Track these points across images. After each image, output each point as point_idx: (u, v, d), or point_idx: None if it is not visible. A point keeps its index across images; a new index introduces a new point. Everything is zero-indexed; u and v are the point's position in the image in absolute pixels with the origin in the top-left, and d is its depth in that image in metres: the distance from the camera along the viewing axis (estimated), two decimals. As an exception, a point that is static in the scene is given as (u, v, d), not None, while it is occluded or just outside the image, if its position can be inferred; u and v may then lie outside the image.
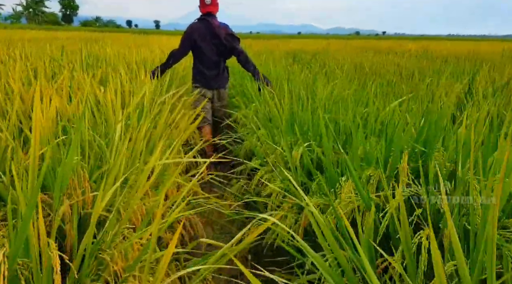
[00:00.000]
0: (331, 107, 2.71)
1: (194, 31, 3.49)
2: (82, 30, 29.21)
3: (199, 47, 3.49)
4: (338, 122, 2.46)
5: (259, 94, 3.30)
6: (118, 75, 2.85)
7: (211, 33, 3.46)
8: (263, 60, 6.53)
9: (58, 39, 9.30)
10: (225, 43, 3.46)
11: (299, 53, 8.27)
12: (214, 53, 3.51)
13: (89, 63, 3.80)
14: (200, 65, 3.56)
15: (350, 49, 10.49)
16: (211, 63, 3.52)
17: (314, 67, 6.35)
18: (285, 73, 4.38)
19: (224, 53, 3.55)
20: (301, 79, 3.66)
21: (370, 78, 3.90)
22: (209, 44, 3.48)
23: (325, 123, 2.08)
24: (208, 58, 3.51)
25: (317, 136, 2.39)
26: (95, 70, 3.35)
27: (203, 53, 3.50)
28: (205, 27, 3.46)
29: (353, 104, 2.69)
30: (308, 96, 3.08)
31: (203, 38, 3.47)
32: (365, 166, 1.53)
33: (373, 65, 5.70)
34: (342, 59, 6.51)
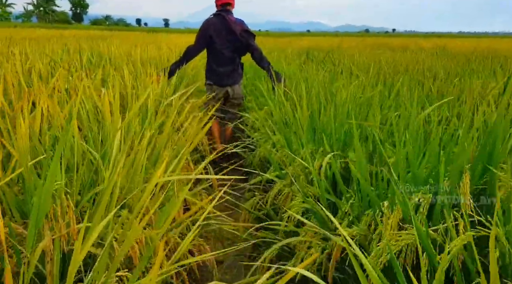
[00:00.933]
0: (355, 111, 2.45)
1: (209, 26, 3.39)
2: (91, 28, 29.18)
3: (214, 43, 3.39)
4: (363, 128, 2.19)
5: (273, 92, 3.14)
6: (120, 75, 2.61)
7: (227, 29, 3.36)
8: (275, 58, 6.26)
9: (65, 37, 9.14)
10: (240, 40, 3.36)
11: (311, 51, 7.97)
12: (229, 49, 3.41)
13: (92, 62, 3.58)
14: (213, 61, 3.47)
15: (363, 47, 10.15)
16: (225, 60, 3.43)
17: (329, 65, 6.07)
18: (300, 72, 4.11)
19: (239, 50, 3.45)
20: (319, 79, 3.39)
21: (392, 77, 3.61)
22: (224, 40, 3.38)
23: (357, 131, 1.83)
24: (222, 55, 3.41)
25: (342, 145, 2.13)
26: (97, 70, 3.12)
27: (218, 49, 3.40)
28: (220, 23, 3.36)
29: (378, 107, 2.42)
30: (328, 98, 2.82)
31: (219, 34, 3.37)
32: (410, 187, 1.26)
33: (391, 63, 5.39)
34: (358, 57, 6.20)
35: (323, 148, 2.12)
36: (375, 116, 2.15)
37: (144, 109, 2.44)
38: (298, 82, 3.41)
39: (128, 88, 2.48)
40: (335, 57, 6.82)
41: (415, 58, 6.13)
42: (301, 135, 2.26)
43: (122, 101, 2.64)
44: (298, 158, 2.08)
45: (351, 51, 8.14)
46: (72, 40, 6.97)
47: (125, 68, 2.75)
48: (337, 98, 2.59)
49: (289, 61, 5.94)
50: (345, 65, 5.74)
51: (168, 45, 7.30)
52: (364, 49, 9.18)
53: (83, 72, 2.77)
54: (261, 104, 3.50)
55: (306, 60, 6.79)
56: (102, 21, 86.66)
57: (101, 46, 5.04)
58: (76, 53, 4.13)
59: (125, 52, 4.81)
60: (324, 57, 6.88)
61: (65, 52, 3.88)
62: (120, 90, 2.74)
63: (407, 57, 6.24)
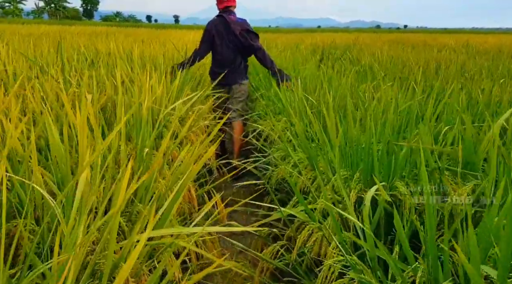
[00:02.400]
0: (401, 125, 1.98)
1: (212, 27, 3.43)
2: (99, 25, 28.90)
3: (215, 43, 3.42)
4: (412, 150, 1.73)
5: (278, 89, 3.06)
6: (112, 77, 2.18)
7: (227, 29, 3.38)
8: (289, 56, 5.78)
9: (69, 34, 8.77)
10: (241, 40, 3.35)
11: (327, 48, 7.46)
12: (229, 50, 3.41)
13: (84, 62, 3.16)
14: (215, 62, 3.51)
15: (381, 43, 9.60)
16: (226, 60, 3.43)
17: (346, 64, 5.58)
18: (320, 73, 3.64)
19: (241, 50, 3.43)
20: (343, 81, 2.92)
21: (429, 80, 3.12)
22: (225, 40, 3.40)
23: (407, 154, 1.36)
24: (223, 56, 3.43)
25: (387, 171, 1.67)
26: (88, 70, 2.70)
27: (220, 51, 3.43)
28: (221, 23, 3.39)
29: (429, 121, 1.95)
30: (359, 106, 2.35)
31: (220, 35, 3.40)
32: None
33: (420, 62, 4.89)
34: (380, 55, 5.69)
35: (361, 176, 1.67)
36: (426, 133, 1.68)
37: (138, 120, 2.01)
38: (319, 85, 2.95)
39: (119, 95, 2.05)
40: (354, 54, 6.31)
41: (444, 56, 5.61)
42: (331, 157, 1.80)
43: (109, 114, 2.21)
44: (328, 189, 1.63)
45: (371, 48, 7.61)
46: (73, 37, 6.58)
47: (117, 71, 2.32)
48: (372, 108, 2.12)
49: (304, 59, 5.47)
50: (367, 64, 5.25)
51: (175, 42, 6.88)
52: (382, 45, 8.63)
53: (63, 76, 2.35)
54: (276, 110, 3.04)
55: (322, 58, 6.30)
56: (113, 17, 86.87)
57: (100, 43, 4.63)
58: (72, 51, 3.72)
59: (127, 50, 4.39)
60: (342, 55, 6.37)
61: (58, 51, 3.46)
62: (111, 95, 2.32)
63: (434, 55, 5.71)
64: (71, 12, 71.42)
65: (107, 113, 2.28)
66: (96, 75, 2.44)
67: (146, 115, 1.94)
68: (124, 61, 3.02)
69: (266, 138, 2.78)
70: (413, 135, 1.76)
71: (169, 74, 3.31)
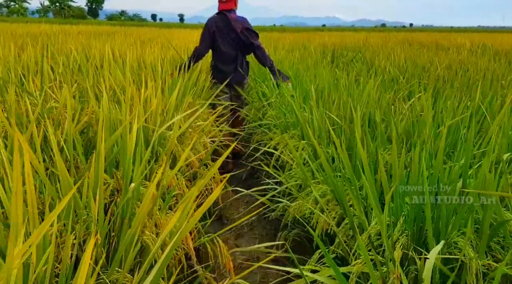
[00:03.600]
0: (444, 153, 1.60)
1: (212, 24, 3.42)
2: (103, 24, 28.62)
3: (217, 41, 3.41)
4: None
5: (277, 88, 3.17)
6: (93, 93, 1.82)
7: (228, 27, 3.39)
8: (297, 58, 5.41)
9: (69, 33, 8.44)
10: (242, 38, 3.37)
11: (337, 49, 7.06)
12: (231, 47, 3.43)
13: (74, 67, 2.80)
14: (217, 60, 3.50)
15: (393, 44, 9.18)
16: (228, 58, 3.45)
17: (359, 66, 5.20)
18: (335, 80, 3.26)
19: (242, 48, 3.47)
20: (366, 92, 2.54)
21: (462, 88, 2.74)
22: (226, 38, 3.41)
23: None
24: (225, 53, 3.44)
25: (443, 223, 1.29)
26: (69, 79, 2.34)
27: (220, 47, 3.42)
28: (222, 21, 3.40)
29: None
30: (389, 125, 1.97)
31: (221, 32, 3.40)
32: None
33: (438, 66, 4.49)
34: (395, 57, 5.30)
35: (406, 224, 1.29)
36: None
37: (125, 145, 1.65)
38: (335, 92, 2.57)
39: (104, 110, 1.68)
40: (367, 56, 5.92)
41: (465, 58, 5.20)
42: (368, 197, 1.43)
43: (93, 134, 1.85)
44: (362, 246, 1.25)
45: (383, 49, 7.21)
46: (70, 38, 6.24)
47: (104, 82, 1.95)
48: (415, 131, 1.75)
49: (314, 61, 5.08)
50: (382, 68, 4.86)
51: (176, 42, 6.52)
52: (394, 46, 8.22)
53: (41, 87, 1.99)
54: (286, 124, 2.67)
55: (332, 60, 5.92)
56: (117, 16, 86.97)
57: (97, 45, 4.28)
58: (61, 55, 3.37)
59: (123, 52, 4.04)
60: (354, 57, 5.98)
61: (47, 54, 3.11)
62: (96, 111, 1.96)
63: (454, 57, 5.30)
64: (76, 11, 71.34)
65: (91, 132, 1.92)
66: (80, 87, 2.08)
67: (134, 138, 1.57)
68: (116, 68, 2.66)
69: (278, 157, 2.41)
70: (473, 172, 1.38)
71: (167, 82, 2.97)
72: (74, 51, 3.26)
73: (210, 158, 2.21)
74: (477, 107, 2.11)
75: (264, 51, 3.46)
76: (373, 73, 4.70)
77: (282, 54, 5.92)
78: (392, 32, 19.30)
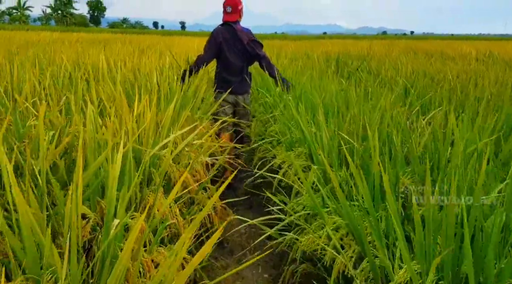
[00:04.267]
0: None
1: (218, 34, 3.40)
2: (105, 31, 28.60)
3: (224, 52, 3.40)
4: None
5: (283, 89, 3.24)
6: (78, 115, 1.62)
7: (235, 37, 3.39)
8: (300, 67, 5.22)
9: (66, 41, 8.29)
10: (247, 49, 3.39)
11: (341, 57, 6.89)
12: (238, 58, 3.44)
13: (59, 82, 2.61)
14: (224, 70, 3.48)
15: (398, 52, 9.01)
16: (235, 69, 3.46)
17: (365, 76, 5.01)
18: (341, 91, 3.06)
19: (247, 59, 3.49)
20: (378, 107, 2.34)
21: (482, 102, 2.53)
22: (233, 49, 3.41)
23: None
24: (232, 64, 3.44)
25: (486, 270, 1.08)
26: (54, 94, 2.14)
27: (228, 58, 3.41)
28: (228, 32, 3.40)
29: None
30: (408, 147, 1.77)
31: (228, 43, 3.39)
32: None
33: (448, 77, 4.30)
34: (403, 67, 5.11)
35: (441, 269, 1.08)
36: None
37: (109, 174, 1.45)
38: (350, 113, 2.36)
39: (87, 130, 1.48)
40: (373, 66, 5.74)
41: (475, 69, 5.00)
42: (391, 234, 1.22)
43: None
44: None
45: (388, 58, 7.03)
46: (65, 47, 6.07)
47: (90, 98, 1.75)
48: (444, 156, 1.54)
49: (319, 71, 4.90)
50: (389, 78, 4.68)
51: (177, 50, 6.35)
52: (399, 55, 8.05)
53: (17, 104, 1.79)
54: (292, 141, 2.47)
55: (337, 70, 5.73)
56: (120, 24, 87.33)
57: (88, 55, 4.10)
58: (52, 66, 3.19)
59: (119, 61, 3.85)
60: (359, 66, 5.80)
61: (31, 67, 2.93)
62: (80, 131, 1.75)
63: (465, 68, 5.11)
64: (78, 19, 71.59)
65: (76, 153, 1.72)
66: (65, 102, 1.89)
67: (119, 164, 1.37)
68: (109, 81, 2.47)
69: (283, 176, 2.20)
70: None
71: (163, 93, 2.78)
72: (66, 62, 3.07)
73: (209, 181, 2.00)
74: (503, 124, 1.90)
75: (269, 61, 3.50)
76: (380, 83, 4.52)
77: (285, 63, 5.74)
78: (395, 40, 19.18)
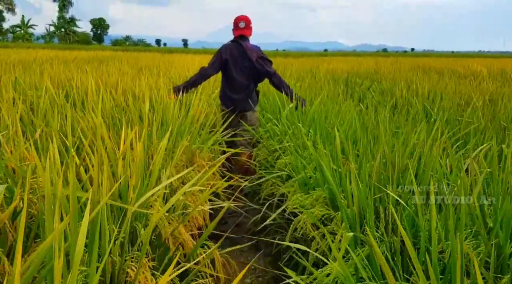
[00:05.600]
0: None
1: (226, 51, 3.41)
2: (106, 49, 28.56)
3: (230, 69, 3.41)
4: None
5: (297, 106, 3.21)
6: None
7: (244, 55, 3.38)
8: (307, 88, 4.87)
9: (62, 60, 8.01)
10: (257, 67, 3.37)
11: (351, 77, 6.54)
12: (244, 76, 3.43)
13: (41, 110, 2.24)
14: (228, 87, 3.48)
15: (405, 70, 8.70)
16: (240, 86, 3.44)
17: (377, 97, 4.66)
18: (361, 118, 2.68)
19: (255, 77, 3.47)
20: (412, 141, 1.96)
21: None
22: (241, 66, 3.41)
23: None
24: (237, 81, 3.43)
25: None
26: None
27: (233, 76, 3.41)
28: (237, 49, 3.40)
29: None
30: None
31: (235, 60, 3.40)
32: None
33: (470, 99, 3.93)
34: (418, 87, 4.75)
35: None
36: None
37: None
38: (377, 151, 1.98)
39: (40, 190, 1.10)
40: (385, 86, 5.39)
41: (499, 90, 4.64)
42: None
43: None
44: None
45: (398, 76, 6.70)
46: (56, 66, 5.76)
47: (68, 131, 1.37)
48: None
49: (327, 90, 4.53)
50: (404, 99, 4.32)
51: (177, 70, 6.04)
52: (408, 73, 7.73)
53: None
54: (306, 177, 2.08)
55: (346, 90, 5.38)
56: (122, 41, 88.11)
57: (79, 77, 3.76)
58: (30, 90, 2.83)
59: (111, 84, 3.51)
60: (370, 86, 5.45)
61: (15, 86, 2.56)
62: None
63: (490, 89, 4.74)
64: (81, 36, 72.22)
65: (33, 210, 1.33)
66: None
67: (82, 243, 0.98)
68: (90, 110, 2.09)
69: (296, 222, 1.80)
70: None
71: (157, 121, 2.42)
72: (50, 85, 2.72)
73: (208, 236, 1.61)
74: None
75: (280, 77, 3.45)
76: (397, 106, 4.16)
77: (292, 83, 5.40)
78: (398, 57, 18.97)
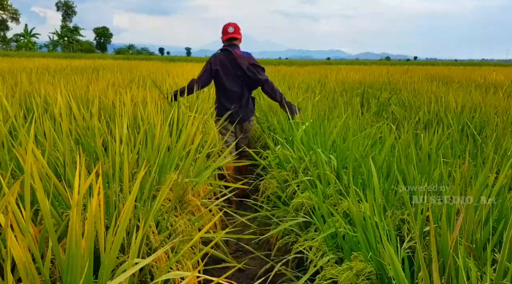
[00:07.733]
0: None
1: (216, 61, 3.32)
2: (108, 57, 28.14)
3: (221, 78, 3.32)
4: None
5: (288, 119, 3.04)
6: None
7: (234, 63, 3.29)
8: (323, 99, 4.29)
9: (53, 70, 7.51)
10: (248, 74, 3.28)
11: (366, 88, 5.96)
12: (237, 84, 3.33)
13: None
14: (222, 97, 3.38)
15: (419, 80, 8.11)
16: (234, 96, 3.35)
17: (398, 111, 4.10)
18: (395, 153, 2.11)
19: (248, 84, 3.37)
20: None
21: None
22: (232, 75, 3.31)
23: None
24: (230, 90, 3.34)
25: None
26: None
27: (225, 85, 3.32)
28: (227, 58, 3.31)
29: None
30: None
31: (226, 70, 3.30)
32: None
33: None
34: (447, 101, 4.17)
35: None
36: None
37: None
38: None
39: None
40: (404, 97, 4.82)
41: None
42: None
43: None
44: None
45: (416, 87, 6.12)
46: (44, 77, 5.23)
47: None
48: None
49: (342, 104, 3.96)
50: (432, 114, 3.74)
51: (169, 81, 5.50)
52: (425, 83, 7.15)
53: None
54: (338, 231, 1.49)
55: (362, 104, 4.81)
56: (126, 50, 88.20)
57: (43, 91, 3.20)
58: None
59: (94, 97, 2.97)
60: (390, 97, 4.87)
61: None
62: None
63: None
64: (85, 45, 72.29)
65: None
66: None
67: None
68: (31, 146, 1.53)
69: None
70: None
71: (126, 160, 1.86)
72: (5, 101, 2.16)
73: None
74: None
75: (272, 85, 3.33)
76: (421, 120, 3.58)
77: (299, 94, 4.84)
78: (405, 66, 18.42)
